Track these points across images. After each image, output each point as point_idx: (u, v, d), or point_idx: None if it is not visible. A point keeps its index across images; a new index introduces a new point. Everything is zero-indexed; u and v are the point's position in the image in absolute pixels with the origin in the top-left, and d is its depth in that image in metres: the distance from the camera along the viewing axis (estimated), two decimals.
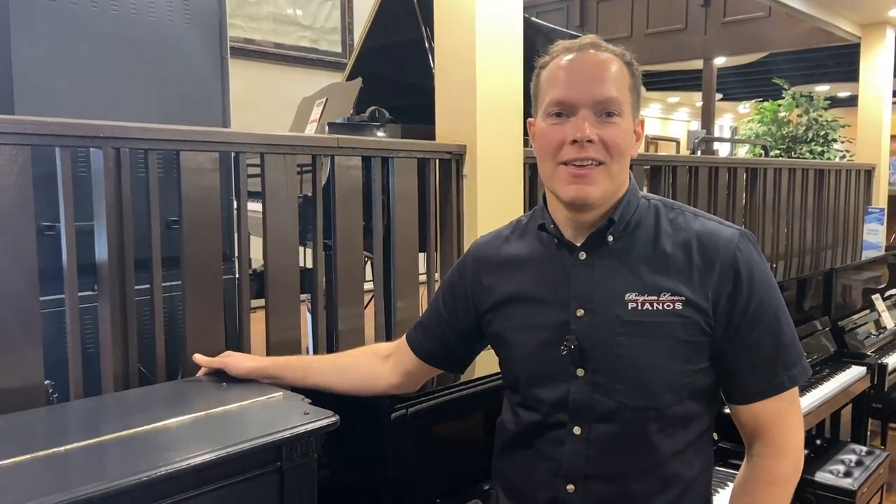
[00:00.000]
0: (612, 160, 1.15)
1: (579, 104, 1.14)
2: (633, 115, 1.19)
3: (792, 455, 1.22)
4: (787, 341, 1.20)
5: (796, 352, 1.21)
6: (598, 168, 1.14)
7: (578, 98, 1.14)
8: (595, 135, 1.13)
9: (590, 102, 1.14)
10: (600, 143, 1.14)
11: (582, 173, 1.14)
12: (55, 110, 1.55)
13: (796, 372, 1.20)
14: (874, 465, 2.72)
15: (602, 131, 1.14)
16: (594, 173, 1.14)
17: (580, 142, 1.13)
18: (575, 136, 1.13)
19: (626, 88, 1.17)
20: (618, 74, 1.16)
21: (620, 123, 1.15)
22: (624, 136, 1.16)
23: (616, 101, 1.15)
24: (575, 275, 1.22)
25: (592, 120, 1.14)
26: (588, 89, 1.14)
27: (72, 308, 1.55)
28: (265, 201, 1.84)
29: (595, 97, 1.14)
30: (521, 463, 1.28)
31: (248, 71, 6.25)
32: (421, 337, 1.44)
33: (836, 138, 8.30)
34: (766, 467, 1.21)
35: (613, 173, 1.16)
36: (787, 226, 4.24)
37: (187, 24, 1.93)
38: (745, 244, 1.19)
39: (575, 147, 1.14)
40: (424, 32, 2.90)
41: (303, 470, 1.23)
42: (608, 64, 1.16)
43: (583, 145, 1.13)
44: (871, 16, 5.29)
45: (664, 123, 15.12)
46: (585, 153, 1.14)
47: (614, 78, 1.16)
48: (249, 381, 1.48)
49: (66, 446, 1.13)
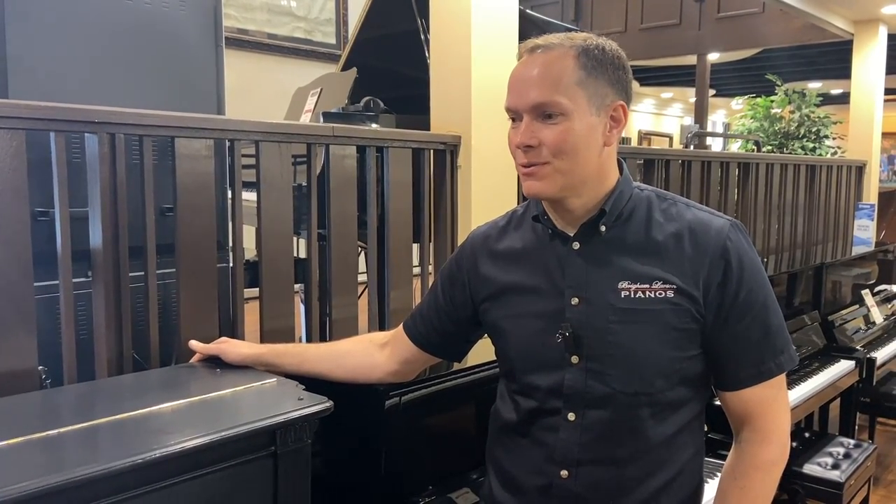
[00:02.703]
0: (557, 159, 1.16)
1: (521, 111, 1.17)
2: (590, 108, 1.17)
3: (779, 440, 1.24)
4: (774, 329, 1.22)
5: (783, 339, 1.23)
6: (545, 167, 1.17)
7: (519, 105, 1.18)
8: (535, 139, 1.16)
9: (527, 108, 1.16)
10: (541, 145, 1.16)
11: (530, 171, 1.18)
12: (49, 95, 1.55)
13: (783, 359, 1.22)
14: (862, 457, 2.74)
15: (543, 134, 1.16)
16: (540, 171, 1.17)
17: (520, 147, 1.17)
18: (516, 143, 1.18)
19: (571, 84, 1.15)
20: (559, 73, 1.15)
21: (562, 122, 1.15)
22: (566, 135, 1.15)
23: (551, 104, 1.15)
24: (569, 264, 1.23)
25: (536, 124, 1.16)
26: (525, 95, 1.17)
27: (66, 294, 1.55)
28: (260, 189, 1.84)
29: (530, 102, 1.16)
30: (514, 450, 1.30)
31: (242, 62, 6.23)
32: (418, 325, 1.45)
33: (828, 135, 8.34)
34: (754, 452, 1.24)
35: (564, 170, 1.17)
36: (779, 220, 4.27)
37: (183, 11, 1.92)
38: (736, 234, 1.20)
39: (521, 151, 1.18)
40: (420, 24, 2.90)
41: (297, 455, 1.23)
42: (548, 65, 1.16)
43: (524, 150, 1.17)
44: (863, 12, 5.32)
45: (657, 119, 15.16)
46: (529, 158, 1.18)
47: (552, 79, 1.15)
48: (244, 367, 1.48)
49: (60, 429, 1.13)
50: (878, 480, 3.51)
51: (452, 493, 1.56)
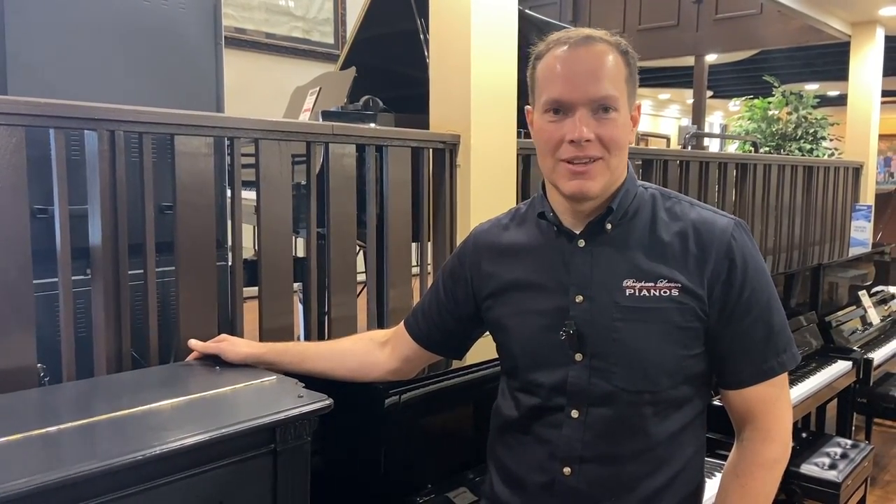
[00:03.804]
0: (611, 154, 1.16)
1: (576, 103, 1.14)
2: (629, 106, 1.19)
3: (781, 439, 1.24)
4: (777, 328, 1.22)
5: (786, 338, 1.23)
6: (597, 163, 1.16)
7: (575, 98, 1.14)
8: (592, 134, 1.14)
9: (586, 101, 1.14)
10: (597, 140, 1.14)
11: (582, 170, 1.15)
12: (48, 92, 1.55)
13: (786, 358, 1.23)
14: (859, 458, 2.75)
15: (599, 129, 1.14)
16: (593, 169, 1.15)
17: (578, 142, 1.14)
18: (573, 137, 1.14)
19: (622, 81, 1.17)
20: (614, 68, 1.16)
21: (617, 118, 1.16)
22: (621, 130, 1.17)
23: (612, 98, 1.15)
24: (574, 262, 1.23)
25: (589, 118, 1.14)
26: (584, 88, 1.14)
27: (65, 291, 1.55)
28: (259, 187, 1.84)
29: (591, 96, 1.14)
30: (516, 447, 1.29)
31: (240, 61, 6.22)
32: (420, 322, 1.44)
33: (825, 136, 8.36)
34: (756, 450, 1.24)
35: (612, 166, 1.18)
36: (776, 221, 4.28)
37: (182, 9, 1.92)
38: (740, 233, 1.21)
39: (573, 146, 1.15)
40: (419, 24, 2.90)
41: (296, 452, 1.23)
42: (603, 58, 1.16)
43: (581, 145, 1.14)
44: (861, 14, 5.33)
45: (655, 120, 15.16)
46: (584, 152, 1.15)
47: (610, 73, 1.15)
48: (243, 365, 1.47)
49: (59, 426, 1.12)
50: (875, 481, 3.52)
51: (450, 492, 1.56)
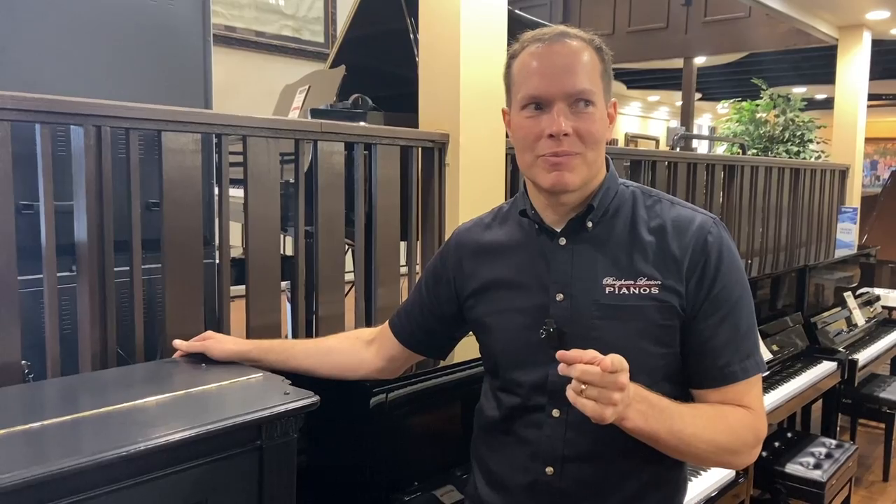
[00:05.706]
0: (588, 149, 1.17)
1: (553, 98, 1.15)
2: (605, 101, 1.20)
3: (757, 419, 1.20)
4: (743, 331, 1.20)
5: (751, 343, 1.21)
6: (576, 157, 1.16)
7: (552, 92, 1.15)
8: (570, 127, 1.15)
9: (563, 95, 1.15)
10: (575, 134, 1.15)
11: (560, 161, 1.16)
12: (34, 87, 1.53)
13: (749, 364, 1.20)
14: (843, 458, 2.77)
15: (577, 122, 1.15)
16: (571, 161, 1.16)
17: (556, 136, 1.15)
18: (551, 131, 1.15)
19: (597, 76, 1.18)
20: (589, 63, 1.17)
21: (595, 113, 1.17)
22: (598, 125, 1.17)
23: (589, 92, 1.16)
24: (555, 260, 1.23)
25: (566, 112, 1.15)
26: (561, 83, 1.15)
27: (50, 288, 1.54)
28: (247, 185, 1.83)
29: (568, 90, 1.15)
30: (499, 448, 1.29)
31: (230, 59, 6.20)
32: (404, 322, 1.44)
33: (812, 139, 8.42)
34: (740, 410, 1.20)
35: (590, 160, 1.18)
36: (763, 223, 4.30)
37: (171, 5, 1.91)
38: (717, 230, 1.21)
39: (552, 140, 1.15)
40: (409, 23, 2.90)
41: (282, 449, 1.23)
42: (579, 54, 1.17)
43: (559, 139, 1.15)
44: (848, 18, 5.37)
45: (644, 122, 15.21)
46: (561, 146, 1.15)
47: (586, 68, 1.16)
48: (230, 362, 1.47)
49: (43, 422, 1.12)
50: (860, 481, 3.55)
51: (437, 490, 1.56)
